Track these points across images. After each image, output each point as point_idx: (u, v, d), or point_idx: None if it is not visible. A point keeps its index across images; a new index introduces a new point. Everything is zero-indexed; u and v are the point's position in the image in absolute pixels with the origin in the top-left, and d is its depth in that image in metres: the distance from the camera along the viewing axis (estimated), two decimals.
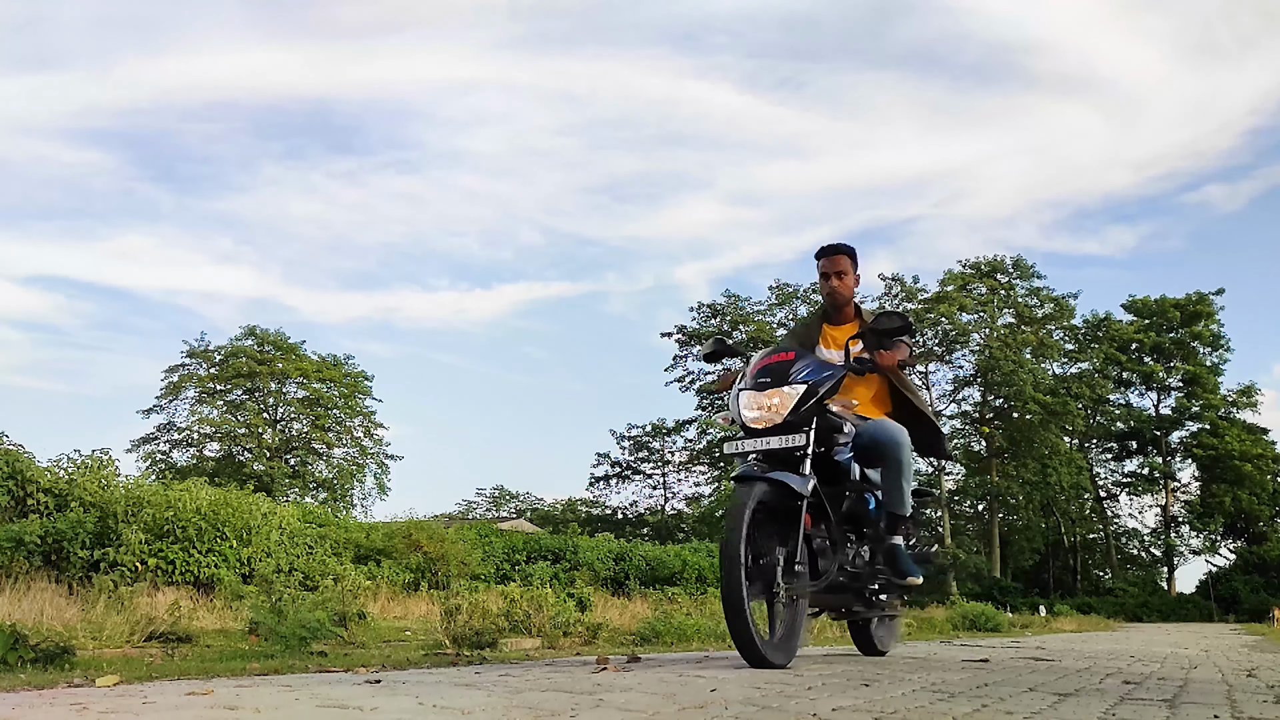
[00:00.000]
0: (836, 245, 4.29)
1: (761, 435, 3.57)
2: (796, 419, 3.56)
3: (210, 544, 10.81)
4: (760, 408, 3.61)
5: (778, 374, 3.65)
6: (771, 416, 3.58)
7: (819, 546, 3.70)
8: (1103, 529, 49.35)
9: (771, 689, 2.62)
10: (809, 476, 3.50)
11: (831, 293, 4.27)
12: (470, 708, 1.99)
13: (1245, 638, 12.88)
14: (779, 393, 3.60)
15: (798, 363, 3.69)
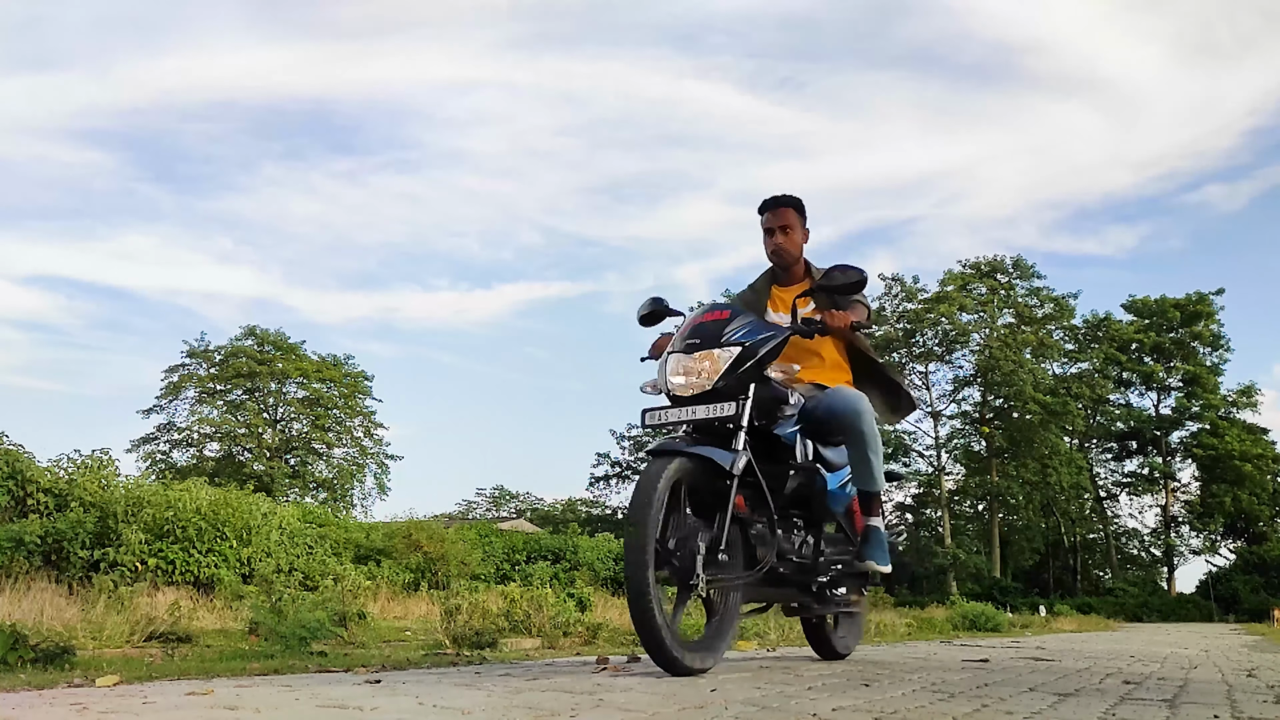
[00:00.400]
0: (780, 196, 3.82)
1: (688, 404, 3.13)
2: (729, 386, 3.12)
3: (210, 544, 10.81)
4: (688, 373, 3.16)
5: (709, 335, 3.19)
6: (700, 383, 3.13)
7: (758, 533, 3.25)
8: (1103, 529, 49.35)
9: (772, 689, 2.62)
10: (741, 452, 3.05)
11: (777, 250, 3.81)
12: (470, 708, 1.99)
13: (1245, 638, 12.87)
14: (709, 355, 3.14)
15: (733, 322, 3.22)
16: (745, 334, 3.20)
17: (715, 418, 3.08)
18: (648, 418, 3.18)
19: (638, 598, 2.74)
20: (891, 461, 46.08)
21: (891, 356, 45.56)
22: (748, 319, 3.27)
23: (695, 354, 3.16)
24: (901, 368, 45.95)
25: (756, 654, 4.89)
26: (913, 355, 45.68)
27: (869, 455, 3.62)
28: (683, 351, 3.20)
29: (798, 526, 3.59)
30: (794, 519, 3.58)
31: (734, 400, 3.08)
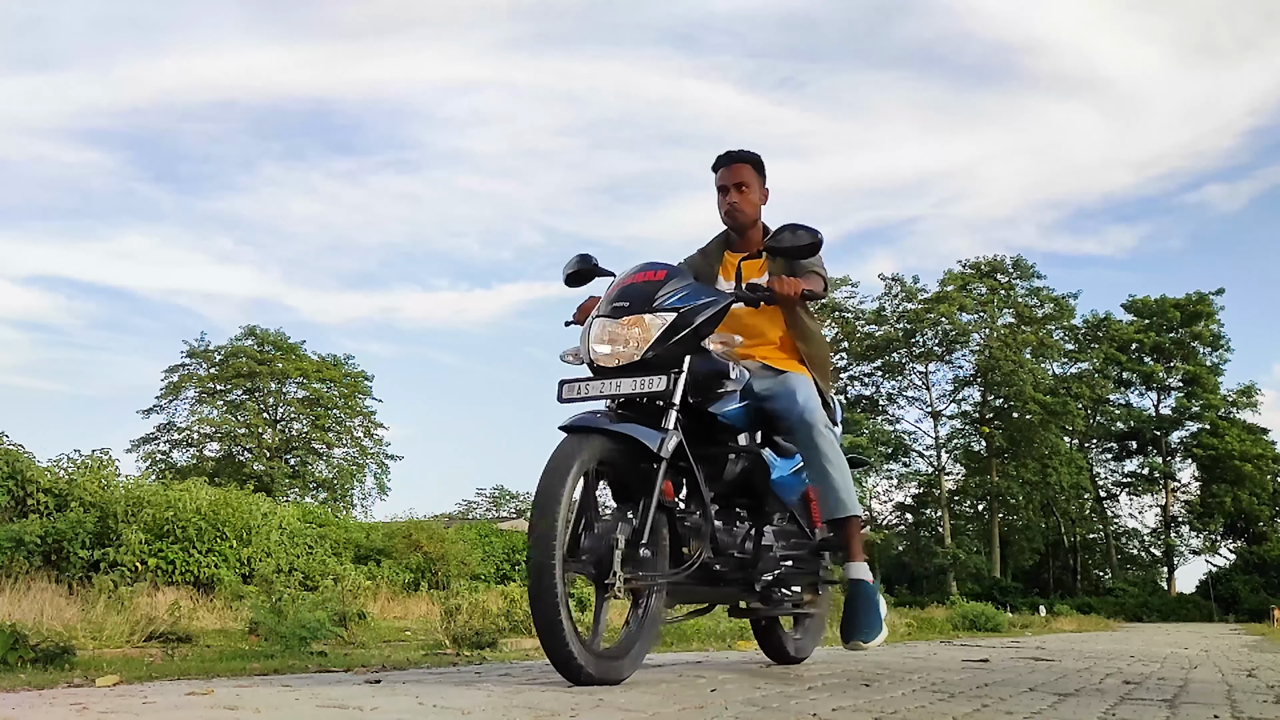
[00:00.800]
0: (735, 151, 3.41)
1: (612, 376, 2.73)
2: (660, 357, 2.72)
3: (210, 544, 10.82)
4: (613, 340, 2.76)
5: (640, 298, 2.78)
6: (627, 352, 2.73)
7: (691, 524, 2.87)
8: (1103, 529, 49.35)
9: (772, 689, 2.63)
10: (671, 432, 2.68)
11: (731, 210, 3.36)
12: (470, 708, 1.99)
13: (1245, 638, 12.88)
14: (638, 321, 2.74)
15: (668, 284, 2.82)
16: (681, 299, 2.81)
17: (643, 393, 2.70)
18: (565, 390, 2.74)
19: (540, 596, 2.39)
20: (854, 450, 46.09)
21: (892, 356, 45.57)
22: (685, 281, 2.90)
23: (623, 319, 2.76)
24: (903, 367, 45.93)
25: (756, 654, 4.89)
26: (913, 355, 45.69)
27: (829, 472, 3.07)
28: (609, 316, 2.80)
29: (740, 518, 3.20)
30: (736, 509, 3.20)
31: (665, 374, 2.69)
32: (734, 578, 3.08)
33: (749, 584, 3.15)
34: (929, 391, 46.31)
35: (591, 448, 2.57)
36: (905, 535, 47.52)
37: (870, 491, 45.33)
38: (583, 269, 3.23)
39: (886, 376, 46.76)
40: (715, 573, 2.95)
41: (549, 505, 2.41)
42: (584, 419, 2.66)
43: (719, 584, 3.03)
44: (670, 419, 2.71)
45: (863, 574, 3.03)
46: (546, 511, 2.41)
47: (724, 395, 2.98)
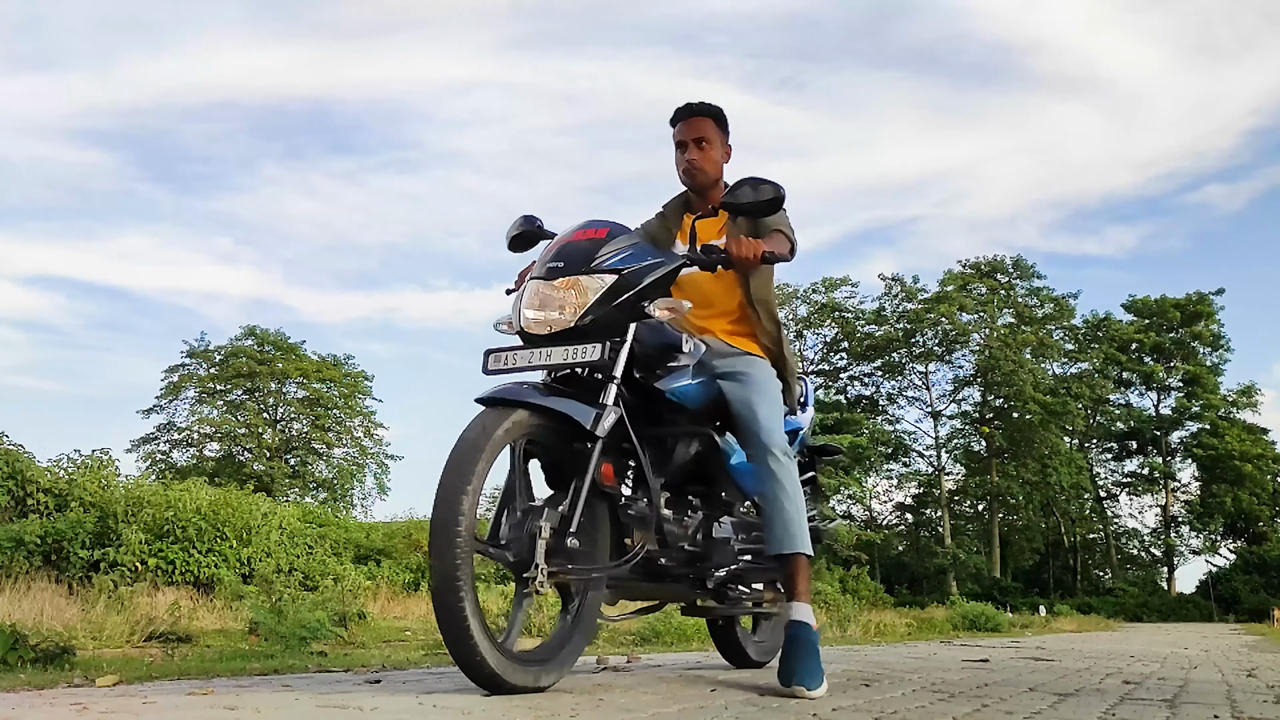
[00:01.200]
0: (695, 104, 3.07)
1: (544, 344, 2.43)
2: (599, 323, 2.43)
3: (210, 544, 10.82)
4: (546, 304, 2.46)
5: (578, 257, 2.49)
6: (562, 318, 2.43)
7: (636, 513, 2.57)
8: (1103, 529, 49.36)
9: (772, 689, 2.62)
10: (609, 409, 2.39)
11: (690, 169, 3.03)
12: (470, 708, 1.99)
13: (1245, 638, 12.88)
14: (575, 283, 2.45)
15: (611, 243, 2.53)
16: (624, 258, 2.51)
17: (577, 362, 2.40)
18: (491, 361, 2.43)
19: (443, 590, 2.09)
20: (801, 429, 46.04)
21: (892, 356, 45.57)
22: (631, 241, 2.59)
23: (557, 280, 2.47)
24: (903, 367, 45.92)
25: None
26: (913, 355, 45.69)
27: (783, 504, 2.74)
28: (542, 277, 2.50)
29: (693, 507, 2.90)
30: (689, 498, 2.91)
31: (603, 342, 2.39)
32: (681, 573, 2.77)
33: (700, 580, 2.84)
34: (929, 391, 46.34)
35: (514, 423, 2.27)
36: (905, 535, 47.53)
37: (870, 491, 45.35)
38: (527, 231, 2.94)
39: (886, 376, 46.78)
40: (661, 567, 2.66)
41: (454, 485, 2.13)
42: (506, 390, 2.35)
43: (664, 580, 2.73)
44: (609, 393, 2.42)
45: (805, 616, 2.67)
46: (450, 492, 2.12)
47: (674, 370, 2.71)
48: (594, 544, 2.46)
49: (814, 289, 45.27)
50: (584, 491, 2.33)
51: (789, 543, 2.73)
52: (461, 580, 2.09)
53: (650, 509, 2.59)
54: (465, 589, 2.09)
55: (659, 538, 2.61)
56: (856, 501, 44.85)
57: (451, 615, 2.08)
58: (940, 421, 46.23)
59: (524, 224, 2.95)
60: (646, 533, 2.58)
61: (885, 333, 45.18)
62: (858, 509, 45.58)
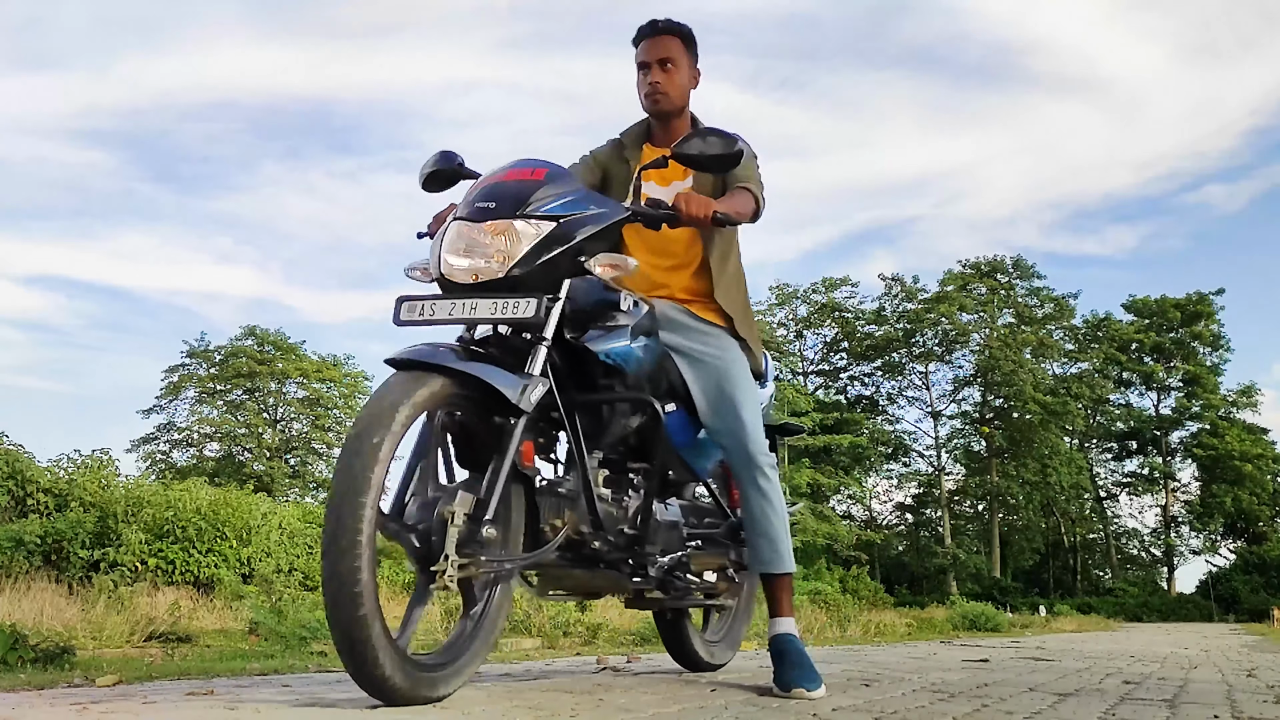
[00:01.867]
0: (660, 21, 2.77)
1: (468, 295, 2.11)
2: (530, 275, 2.12)
3: (210, 544, 10.82)
4: (472, 249, 2.13)
5: (510, 199, 2.17)
6: (489, 267, 2.11)
7: (567, 493, 2.30)
8: (1103, 529, 49.36)
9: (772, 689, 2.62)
10: (536, 379, 2.09)
11: (652, 91, 2.73)
12: (470, 708, 1.99)
13: (1245, 638, 12.88)
14: (506, 228, 2.13)
15: (548, 186, 2.21)
16: (564, 205, 2.21)
17: (507, 318, 2.08)
18: (404, 310, 2.12)
19: (337, 584, 1.78)
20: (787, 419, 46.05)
21: (892, 356, 45.58)
22: (571, 186, 2.28)
23: (486, 223, 2.14)
24: (903, 367, 45.93)
25: (757, 654, 4.89)
26: (913, 355, 45.68)
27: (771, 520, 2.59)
28: (469, 218, 2.17)
29: (633, 485, 2.57)
30: (629, 475, 2.58)
31: (536, 297, 2.08)
32: (618, 559, 2.44)
33: (641, 567, 2.52)
34: (929, 391, 46.33)
35: (430, 392, 1.96)
36: (905, 535, 47.52)
37: (870, 491, 45.36)
38: (444, 169, 2.60)
39: (886, 376, 46.78)
40: (593, 552, 2.36)
41: (357, 463, 1.82)
42: (420, 352, 2.03)
43: (597, 565, 2.42)
44: (539, 360, 2.12)
45: (790, 629, 2.61)
46: (351, 471, 1.82)
47: (610, 330, 2.39)
48: (506, 531, 2.16)
49: (814, 289, 45.28)
50: (503, 474, 2.03)
51: (776, 563, 2.60)
52: (363, 570, 1.78)
53: (583, 487, 2.30)
54: (364, 559, 1.79)
55: (592, 519, 2.31)
56: (856, 501, 44.87)
57: (348, 612, 1.78)
58: (940, 421, 46.26)
59: (441, 160, 2.60)
60: (575, 514, 2.29)
61: (885, 333, 45.17)
62: (858, 509, 45.60)
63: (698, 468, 2.80)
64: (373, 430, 1.85)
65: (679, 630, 3.08)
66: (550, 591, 2.60)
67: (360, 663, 1.81)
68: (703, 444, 2.74)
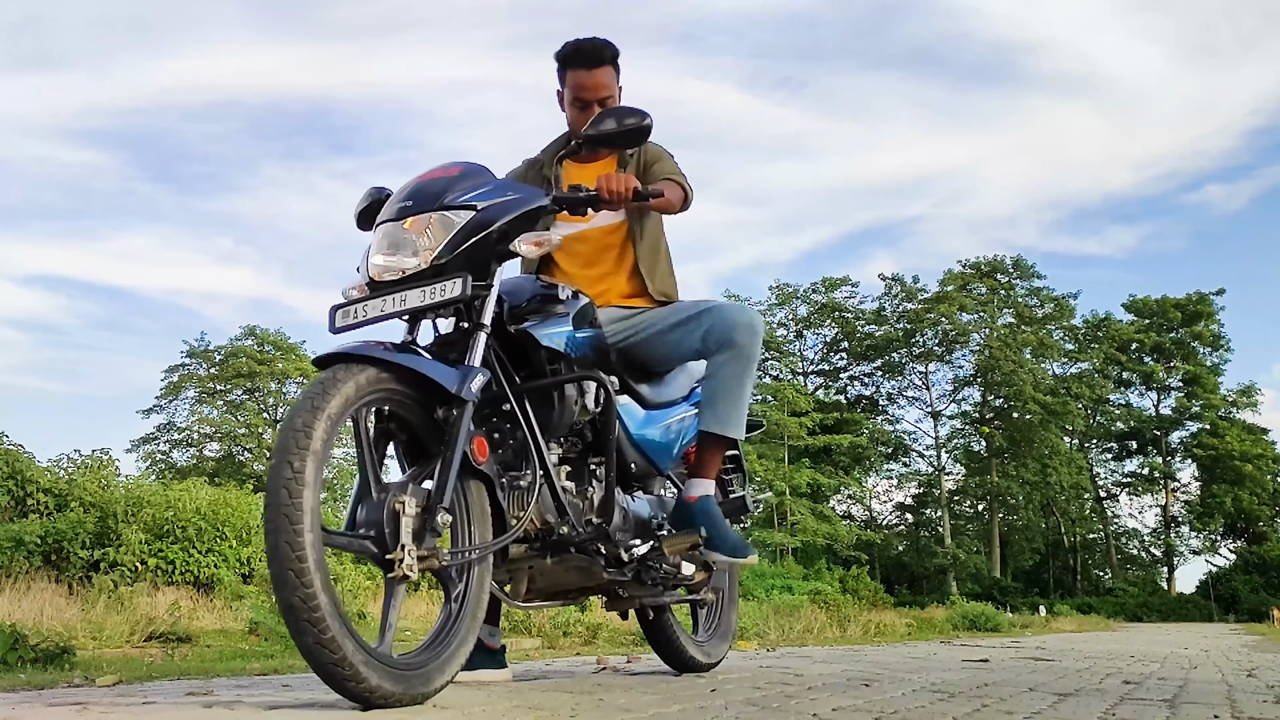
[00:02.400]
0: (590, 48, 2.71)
1: (396, 289, 2.11)
2: (455, 263, 2.13)
3: (210, 544, 10.82)
4: (396, 247, 2.15)
5: (428, 196, 2.20)
6: (413, 261, 2.12)
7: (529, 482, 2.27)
8: (1103, 529, 49.38)
9: (772, 689, 2.62)
10: (476, 369, 2.08)
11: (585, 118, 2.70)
12: (470, 708, 1.99)
13: (1245, 638, 12.88)
14: (427, 221, 2.15)
15: (465, 180, 2.25)
16: (482, 194, 2.23)
17: (438, 302, 2.07)
18: (339, 316, 2.12)
19: (294, 617, 1.73)
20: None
21: (892, 356, 45.58)
22: (487, 178, 2.30)
23: (406, 220, 2.17)
24: (903, 367, 45.94)
25: (756, 654, 4.89)
26: (913, 355, 45.70)
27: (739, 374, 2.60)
28: (392, 219, 2.19)
29: (595, 477, 2.56)
30: (590, 468, 2.57)
31: (461, 277, 2.08)
32: (589, 546, 2.41)
33: (615, 558, 2.49)
34: (929, 391, 46.33)
35: (357, 386, 1.89)
36: (905, 535, 47.53)
37: (870, 491, 45.38)
38: (377, 202, 2.48)
39: (886, 376, 46.80)
40: (562, 538, 2.34)
41: (287, 465, 1.75)
42: (347, 345, 1.99)
43: (568, 551, 2.37)
44: (478, 348, 2.12)
45: (710, 490, 2.60)
46: (284, 473, 1.75)
47: (550, 318, 2.41)
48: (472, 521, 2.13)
49: (814, 289, 45.29)
50: (454, 463, 2.00)
51: (732, 427, 2.59)
52: (310, 574, 1.71)
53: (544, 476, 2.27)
54: (317, 584, 1.72)
55: (556, 505, 2.31)
56: (856, 501, 44.90)
57: (313, 639, 1.72)
58: (940, 421, 46.27)
59: (373, 194, 2.52)
60: (539, 505, 2.28)
61: (885, 333, 45.18)
62: (858, 509, 45.62)
63: (660, 462, 2.77)
64: (300, 432, 1.78)
65: (664, 629, 3.04)
66: (525, 597, 2.56)
67: (342, 682, 1.78)
68: (663, 438, 2.75)
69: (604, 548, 2.44)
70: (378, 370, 1.94)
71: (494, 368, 2.24)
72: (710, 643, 3.21)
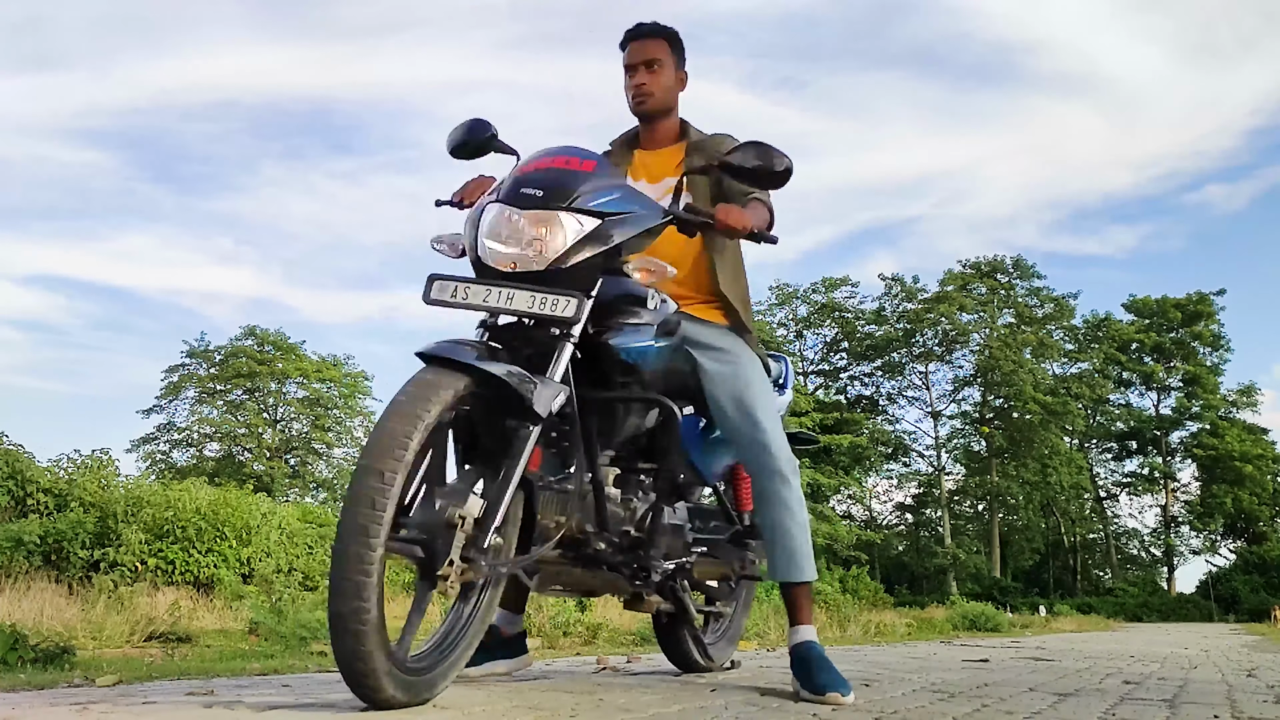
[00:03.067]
0: (646, 24, 2.71)
1: (505, 283, 2.04)
2: (568, 272, 2.07)
3: (210, 544, 10.82)
4: (514, 237, 2.07)
5: (556, 188, 2.11)
6: (529, 256, 2.06)
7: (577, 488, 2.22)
8: (1103, 529, 49.37)
9: (772, 689, 2.62)
10: (558, 384, 2.02)
11: (638, 92, 2.69)
12: (470, 708, 1.99)
13: (1245, 638, 12.88)
14: (551, 219, 2.07)
15: (595, 180, 2.16)
16: (610, 202, 2.15)
17: (544, 315, 2.01)
18: (435, 288, 2.03)
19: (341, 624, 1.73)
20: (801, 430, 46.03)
21: (892, 356, 45.56)
22: (617, 182, 2.23)
23: (530, 211, 2.08)
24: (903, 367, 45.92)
25: (756, 654, 4.89)
26: (913, 355, 45.68)
27: (790, 529, 2.52)
28: (511, 203, 2.11)
29: (643, 488, 2.49)
30: (639, 475, 2.49)
31: (575, 297, 2.01)
32: (619, 562, 2.38)
33: (643, 570, 2.45)
34: (929, 391, 46.30)
35: (458, 392, 1.87)
36: (905, 535, 47.51)
37: (870, 491, 45.34)
38: (474, 139, 2.44)
39: (886, 376, 46.77)
40: (595, 554, 2.30)
41: (380, 468, 1.73)
42: (450, 349, 1.93)
43: (598, 567, 2.37)
44: (563, 361, 2.05)
45: (812, 637, 2.55)
46: (374, 477, 1.73)
47: (633, 328, 2.31)
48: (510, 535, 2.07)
49: (814, 289, 45.25)
50: (514, 481, 1.96)
51: (795, 572, 2.53)
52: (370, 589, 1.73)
53: (587, 485, 2.22)
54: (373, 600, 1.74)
55: (598, 519, 2.25)
56: (856, 501, 44.86)
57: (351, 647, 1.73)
58: (940, 421, 46.24)
59: (472, 129, 2.44)
60: (580, 513, 2.22)
61: (885, 333, 45.15)
62: (858, 509, 45.60)
63: (707, 472, 2.75)
64: (384, 460, 1.74)
65: (676, 632, 3.02)
66: (550, 587, 2.57)
67: (363, 689, 1.79)
68: (713, 447, 2.70)
69: (636, 562, 2.42)
70: (473, 380, 1.89)
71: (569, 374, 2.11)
72: (717, 646, 3.20)
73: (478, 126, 2.46)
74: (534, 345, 2.09)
